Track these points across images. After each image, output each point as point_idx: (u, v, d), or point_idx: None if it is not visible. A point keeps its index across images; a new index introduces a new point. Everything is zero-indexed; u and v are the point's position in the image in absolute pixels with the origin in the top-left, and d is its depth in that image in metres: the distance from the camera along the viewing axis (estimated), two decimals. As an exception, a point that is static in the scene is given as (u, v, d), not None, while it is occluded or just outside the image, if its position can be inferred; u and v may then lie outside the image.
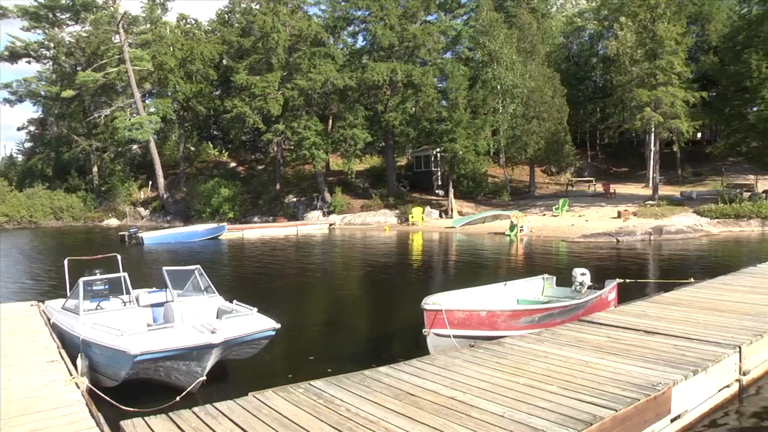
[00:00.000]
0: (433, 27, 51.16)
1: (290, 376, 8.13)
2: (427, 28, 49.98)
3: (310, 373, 7.60)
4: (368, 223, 44.46)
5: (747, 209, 36.19)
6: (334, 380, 6.76)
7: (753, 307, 10.52)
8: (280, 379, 7.65)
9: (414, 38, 47.14)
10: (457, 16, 59.51)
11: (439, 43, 50.93)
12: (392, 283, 19.39)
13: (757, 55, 36.71)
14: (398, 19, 47.36)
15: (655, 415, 6.14)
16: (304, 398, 6.19)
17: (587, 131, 67.58)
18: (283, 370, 9.52)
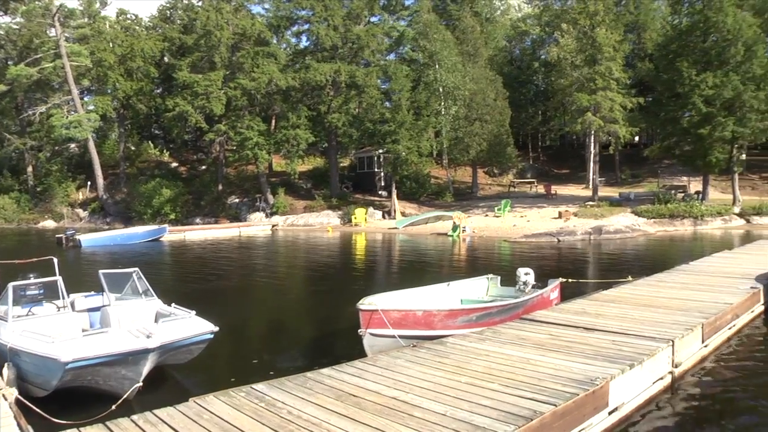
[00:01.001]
0: (376, 28, 51.31)
1: (233, 379, 7.98)
2: (370, 29, 50.10)
3: (252, 377, 7.48)
4: (311, 225, 44.25)
5: (681, 209, 37.58)
6: (276, 383, 6.69)
7: (685, 302, 10.97)
8: (223, 383, 7.48)
9: (358, 39, 47.23)
10: (401, 17, 59.77)
11: (382, 44, 51.20)
12: (335, 285, 19.31)
13: (688, 64, 38.02)
14: (342, 20, 47.36)
15: (593, 408, 6.28)
16: (245, 402, 6.10)
17: (529, 133, 68.85)
18: (225, 374, 9.34)
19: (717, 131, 36.84)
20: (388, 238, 36.56)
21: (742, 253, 19.46)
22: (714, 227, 36.27)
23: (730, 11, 38.18)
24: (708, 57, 38.67)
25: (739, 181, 43.61)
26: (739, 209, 39.13)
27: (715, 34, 38.88)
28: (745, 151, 46.13)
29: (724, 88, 36.78)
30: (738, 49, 37.62)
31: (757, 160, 55.38)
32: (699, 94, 37.13)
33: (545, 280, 12.72)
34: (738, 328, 11.05)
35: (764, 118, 37.88)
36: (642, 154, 53.72)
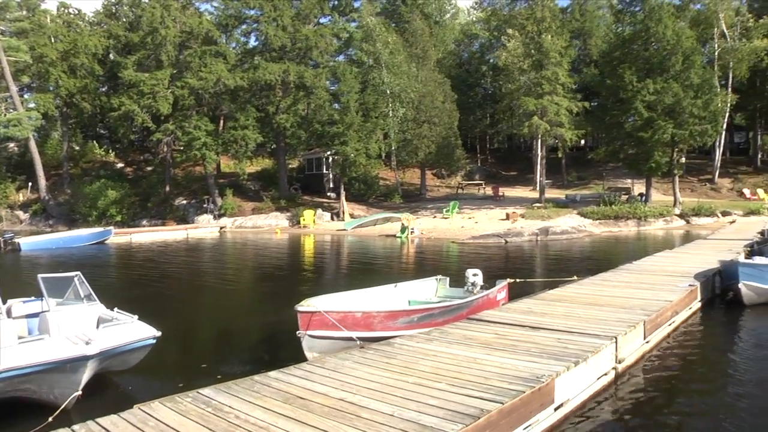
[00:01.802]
0: (325, 29, 51.14)
1: (181, 385, 7.78)
2: (319, 30, 49.94)
3: (199, 381, 7.36)
4: (259, 226, 43.90)
5: (625, 211, 38.61)
6: (223, 387, 6.58)
7: (628, 300, 11.31)
8: (169, 388, 7.30)
9: (306, 40, 47.00)
10: (351, 19, 59.73)
11: (331, 45, 51.02)
12: (283, 287, 19.17)
13: (630, 71, 39.08)
14: (291, 20, 47.11)
15: (539, 405, 6.39)
16: (192, 407, 5.98)
17: (477, 136, 69.62)
18: (172, 380, 9.15)
19: (658, 135, 37.93)
20: (337, 239, 36.50)
21: (682, 252, 20.11)
22: (656, 228, 37.36)
23: (670, 23, 39.57)
24: (649, 65, 39.86)
25: (680, 184, 45.01)
26: (679, 210, 40.40)
27: (656, 44, 40.16)
28: (685, 155, 47.58)
29: (665, 95, 37.98)
30: (677, 58, 38.96)
31: (696, 163, 57.34)
32: (641, 100, 38.24)
33: (494, 281, 12.87)
34: (677, 324, 11.44)
35: (702, 123, 39.16)
36: (588, 157, 54.92)
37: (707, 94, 40.18)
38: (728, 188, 53.14)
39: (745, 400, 8.04)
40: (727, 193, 51.69)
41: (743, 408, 7.70)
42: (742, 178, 56.06)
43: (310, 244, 34.71)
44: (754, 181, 54.78)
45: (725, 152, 59.87)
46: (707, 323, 12.45)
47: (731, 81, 52.08)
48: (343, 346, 8.58)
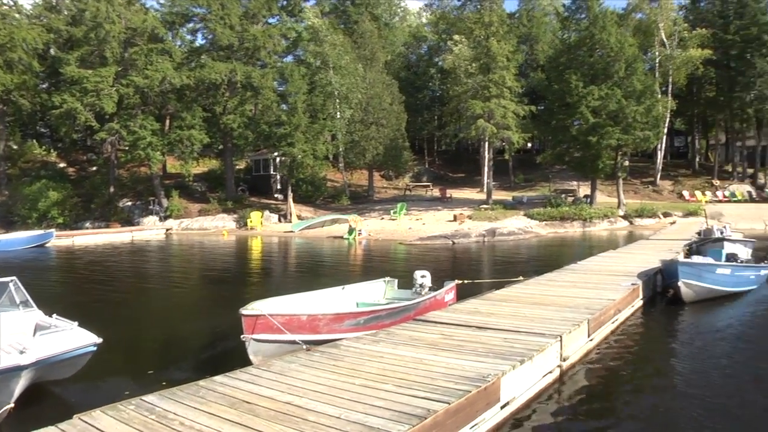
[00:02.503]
0: (273, 29, 50.77)
1: (127, 392, 7.45)
2: (267, 30, 49.52)
3: (144, 388, 7.11)
4: (206, 228, 43.29)
5: (571, 212, 39.36)
6: (168, 393, 6.41)
7: (573, 299, 11.51)
8: (112, 397, 6.96)
9: (254, 39, 46.56)
10: (300, 19, 59.34)
11: (279, 45, 50.63)
12: (230, 290, 18.88)
13: (576, 76, 39.90)
14: (239, 19, 46.57)
15: (485, 404, 6.43)
16: (135, 415, 5.79)
17: (425, 138, 69.98)
18: (114, 388, 8.76)
19: (604, 139, 38.76)
20: (284, 241, 36.25)
21: (625, 252, 20.60)
22: (601, 229, 38.16)
23: (613, 30, 40.59)
24: (594, 71, 40.78)
25: (623, 186, 46.07)
26: (623, 212, 41.37)
27: (600, 50, 41.16)
28: (629, 158, 48.85)
29: (609, 101, 38.88)
30: (620, 65, 39.99)
31: (639, 166, 58.90)
32: (586, 105, 39.05)
33: (442, 282, 12.92)
34: (620, 322, 11.69)
35: (644, 128, 40.21)
36: (535, 159, 55.73)
37: (649, 100, 41.33)
38: (669, 190, 54.74)
39: (684, 394, 8.28)
40: (668, 195, 53.24)
41: (683, 402, 7.92)
42: (682, 180, 57.90)
43: (257, 247, 34.38)
44: (693, 184, 56.71)
45: (666, 156, 61.73)
46: (649, 320, 12.78)
47: (671, 88, 53.86)
48: (289, 350, 8.46)
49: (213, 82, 44.45)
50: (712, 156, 66.84)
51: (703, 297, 14.00)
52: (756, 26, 53.35)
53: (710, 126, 67.44)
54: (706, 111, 62.22)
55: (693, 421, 7.25)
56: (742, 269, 15.60)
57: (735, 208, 43.69)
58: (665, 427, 7.17)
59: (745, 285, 15.42)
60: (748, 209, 43.34)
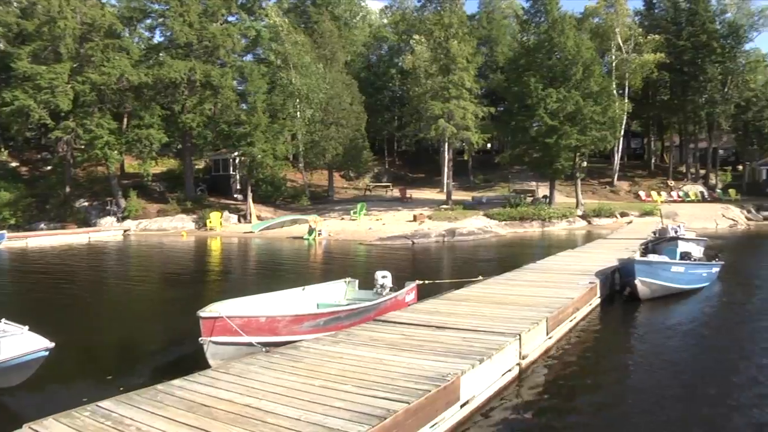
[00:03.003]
0: (233, 28, 50.21)
1: (85, 399, 7.19)
2: (227, 28, 48.93)
3: (99, 394, 6.83)
4: (165, 229, 42.66)
5: (530, 212, 39.83)
6: (124, 398, 6.25)
7: (532, 298, 11.63)
8: (66, 404, 6.69)
9: (213, 38, 45.98)
10: (260, 18, 58.84)
11: (238, 44, 50.12)
12: (189, 292, 18.63)
13: (535, 78, 40.41)
14: (198, 17, 45.88)
15: (445, 403, 6.44)
16: (90, 422, 5.63)
17: (385, 138, 70.10)
18: (69, 394, 8.42)
19: (562, 140, 39.31)
20: (244, 242, 35.96)
21: (583, 251, 20.91)
22: (560, 228, 38.70)
23: (571, 34, 41.28)
24: (553, 73, 41.39)
25: (582, 186, 46.90)
26: (581, 212, 42.03)
27: (558, 53, 41.73)
28: (587, 159, 49.64)
29: (568, 103, 39.49)
30: (578, 68, 40.63)
31: (597, 167, 59.87)
32: (545, 107, 39.54)
33: (403, 283, 12.94)
34: (578, 320, 11.86)
35: (601, 128, 40.92)
36: (494, 160, 56.29)
37: (606, 101, 42.10)
38: (626, 190, 55.83)
39: (640, 389, 8.45)
40: (625, 195, 54.29)
41: (639, 397, 8.07)
42: (639, 181, 59.18)
43: (217, 247, 34.04)
44: (649, 184, 57.99)
45: (623, 157, 63.21)
46: (606, 318, 12.99)
47: (627, 90, 55.18)
48: (248, 352, 8.35)
49: (172, 80, 43.77)
50: (667, 157, 68.40)
51: (659, 294, 14.32)
52: (705, 33, 55.44)
53: (665, 128, 69.15)
54: (661, 114, 63.87)
55: (648, 415, 7.38)
56: (695, 267, 15.98)
57: (689, 208, 44.78)
58: (622, 421, 7.29)
59: (698, 282, 15.79)
60: (701, 209, 44.46)
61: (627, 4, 56.93)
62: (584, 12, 57.54)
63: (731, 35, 57.32)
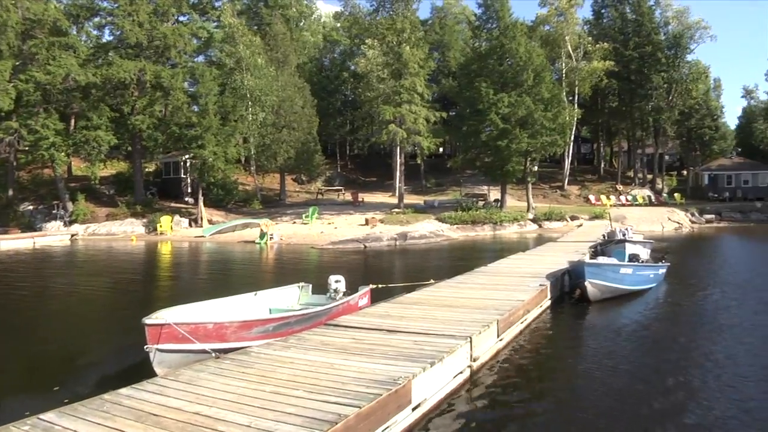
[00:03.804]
0: (184, 28, 49.37)
1: (27, 412, 6.88)
2: (178, 28, 48.13)
3: (42, 406, 6.55)
4: (114, 233, 41.68)
5: (481, 216, 40.19)
6: (69, 410, 6.05)
7: (483, 301, 11.74)
8: (6, 417, 6.44)
9: (164, 38, 45.18)
10: (211, 18, 58.13)
11: (190, 45, 49.32)
12: (138, 298, 18.26)
13: (486, 84, 40.88)
14: (148, 16, 44.94)
15: (397, 407, 6.45)
16: (29, 436, 5.47)
17: (337, 142, 70.20)
18: (10, 407, 7.96)
19: (513, 144, 39.81)
20: (195, 246, 35.44)
21: (534, 254, 21.21)
22: (511, 232, 39.16)
23: (522, 41, 41.98)
24: (504, 79, 41.96)
25: (533, 190, 47.62)
26: (532, 215, 42.65)
27: (510, 59, 42.36)
28: (538, 164, 50.47)
29: (519, 108, 40.06)
30: (529, 74, 41.29)
31: (548, 171, 60.92)
32: (496, 112, 40.03)
33: (356, 287, 12.92)
34: (529, 322, 12.00)
35: (552, 133, 41.61)
36: (446, 164, 56.80)
37: (556, 107, 42.89)
38: (576, 194, 56.93)
39: (589, 389, 8.63)
40: (576, 199, 55.36)
41: (589, 397, 8.24)
42: (588, 185, 60.44)
43: (167, 252, 33.46)
44: (598, 188, 59.29)
45: (573, 162, 64.58)
46: (556, 319, 13.19)
47: (577, 97, 56.41)
48: (196, 359, 8.18)
49: (121, 80, 42.76)
50: (616, 162, 70.13)
51: (608, 296, 14.62)
52: (651, 44, 57.38)
53: (614, 134, 70.97)
54: (610, 120, 65.67)
55: (597, 415, 7.52)
56: (642, 269, 16.37)
57: (637, 212, 45.96)
58: (572, 422, 7.39)
59: (646, 283, 16.19)
60: (648, 212, 45.68)
61: (577, 13, 58.31)
62: (535, 20, 58.70)
63: (674, 46, 59.39)
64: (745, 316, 13.40)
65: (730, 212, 48.13)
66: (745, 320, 12.95)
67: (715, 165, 61.47)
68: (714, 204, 52.11)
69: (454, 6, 72.08)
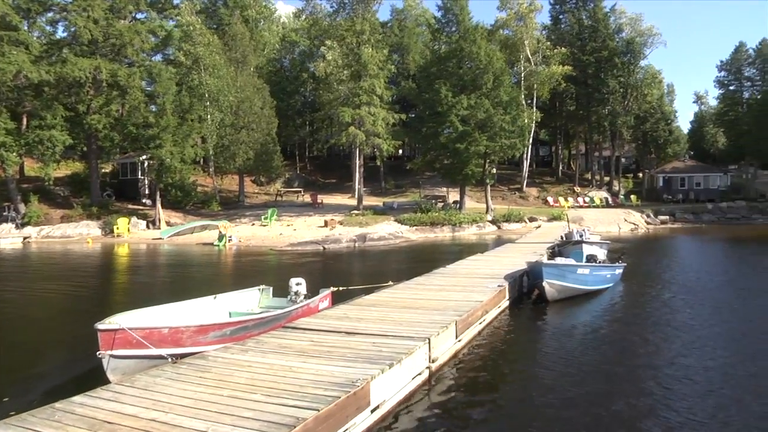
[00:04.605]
0: (141, 26, 48.46)
1: None
2: (135, 26, 47.26)
3: None
4: (69, 236, 40.77)
5: (441, 217, 40.40)
6: (16, 420, 5.85)
7: (441, 302, 11.80)
8: None
9: (121, 35, 44.27)
10: (169, 16, 57.13)
11: (147, 43, 48.41)
12: (92, 302, 17.85)
13: (446, 86, 41.13)
14: (104, 13, 43.90)
15: (355, 409, 6.46)
16: (-27, 450, 5.31)
17: (297, 143, 70.01)
18: None
19: (472, 147, 40.11)
20: (152, 249, 34.92)
21: (493, 255, 21.40)
22: (470, 233, 39.45)
23: (482, 44, 42.33)
24: (463, 82, 42.27)
25: (492, 192, 48.05)
26: (491, 217, 43.02)
27: (469, 62, 42.74)
28: (497, 166, 50.98)
29: (478, 110, 40.36)
30: (488, 77, 41.67)
31: (507, 173, 61.59)
32: (456, 114, 40.25)
33: (318, 290, 12.88)
34: (488, 322, 12.10)
35: (511, 136, 42.04)
36: (405, 166, 57.03)
37: (515, 110, 43.34)
38: (535, 196, 57.65)
39: (547, 387, 8.72)
40: (534, 201, 56.05)
41: (548, 397, 8.30)
42: (547, 187, 61.30)
43: (124, 255, 32.88)
44: (557, 190, 60.16)
45: (532, 164, 65.49)
46: (515, 320, 13.31)
47: (536, 100, 57.23)
48: (151, 365, 7.99)
49: (76, 79, 41.78)
50: (574, 165, 71.26)
51: (565, 295, 14.84)
52: (606, 49, 58.57)
53: (572, 137, 72.15)
54: (568, 123, 66.83)
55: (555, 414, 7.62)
56: (599, 269, 16.64)
57: (594, 213, 46.73)
58: (530, 421, 7.46)
59: (602, 283, 16.47)
60: (605, 214, 46.47)
61: (536, 18, 59.14)
62: (495, 23, 59.32)
63: (629, 52, 60.78)
64: (696, 316, 13.73)
65: (683, 213, 49.29)
66: (696, 320, 13.25)
67: (669, 168, 62.91)
68: (668, 206, 53.35)
69: (415, 8, 72.35)
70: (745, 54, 73.53)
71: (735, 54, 73.89)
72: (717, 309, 14.56)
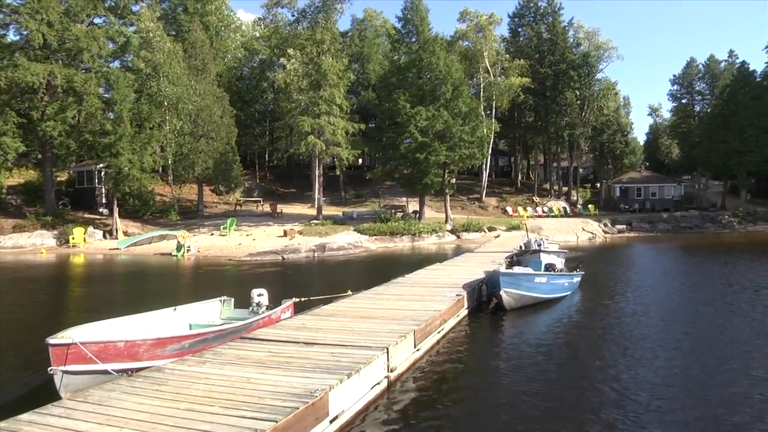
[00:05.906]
0: (99, 30, 47.48)
1: None
2: (92, 31, 46.33)
3: None
4: (22, 246, 39.71)
5: (400, 227, 40.52)
6: (-44, 444, 5.66)
7: (400, 312, 11.87)
8: None
9: (77, 40, 43.34)
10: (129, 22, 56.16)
11: (105, 48, 47.54)
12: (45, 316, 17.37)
13: (405, 97, 41.39)
14: (59, 16, 42.88)
15: (314, 419, 6.45)
16: None
17: (256, 153, 69.60)
18: None
19: (432, 157, 40.37)
20: (109, 259, 34.29)
21: (452, 265, 21.53)
22: (429, 243, 39.61)
23: (442, 55, 42.75)
24: (423, 92, 42.61)
25: (451, 202, 48.36)
26: (450, 226, 43.28)
27: (428, 73, 43.06)
28: (456, 176, 51.42)
29: (437, 121, 40.70)
30: (447, 87, 42.06)
31: (466, 183, 62.13)
32: (415, 125, 40.50)
33: (280, 300, 12.82)
34: (446, 331, 12.21)
35: (470, 147, 42.46)
36: (365, 175, 57.14)
37: (474, 121, 43.80)
38: (494, 206, 58.18)
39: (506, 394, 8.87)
40: (493, 211, 56.56)
41: (505, 405, 8.41)
42: (506, 197, 61.96)
43: (80, 265, 32.19)
44: (516, 200, 60.86)
45: (491, 174, 66.18)
46: (473, 328, 13.44)
47: (495, 111, 57.99)
48: (106, 381, 7.73)
49: (28, 84, 40.79)
50: (533, 175, 72.26)
51: (523, 304, 15.05)
52: (564, 62, 59.70)
53: (530, 148, 73.24)
54: (527, 134, 67.88)
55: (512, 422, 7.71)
56: (557, 278, 16.87)
57: (553, 222, 47.39)
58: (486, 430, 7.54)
59: (560, 292, 16.71)
60: (563, 223, 47.15)
61: (495, 30, 59.95)
62: (455, 35, 59.98)
63: (585, 65, 62.09)
64: (651, 324, 13.99)
65: (639, 223, 50.31)
66: (651, 328, 13.49)
67: (626, 178, 64.27)
68: (625, 215, 54.41)
69: (375, 19, 72.65)
70: (696, 69, 76.08)
71: (686, 69, 76.41)
72: (667, 317, 14.85)
